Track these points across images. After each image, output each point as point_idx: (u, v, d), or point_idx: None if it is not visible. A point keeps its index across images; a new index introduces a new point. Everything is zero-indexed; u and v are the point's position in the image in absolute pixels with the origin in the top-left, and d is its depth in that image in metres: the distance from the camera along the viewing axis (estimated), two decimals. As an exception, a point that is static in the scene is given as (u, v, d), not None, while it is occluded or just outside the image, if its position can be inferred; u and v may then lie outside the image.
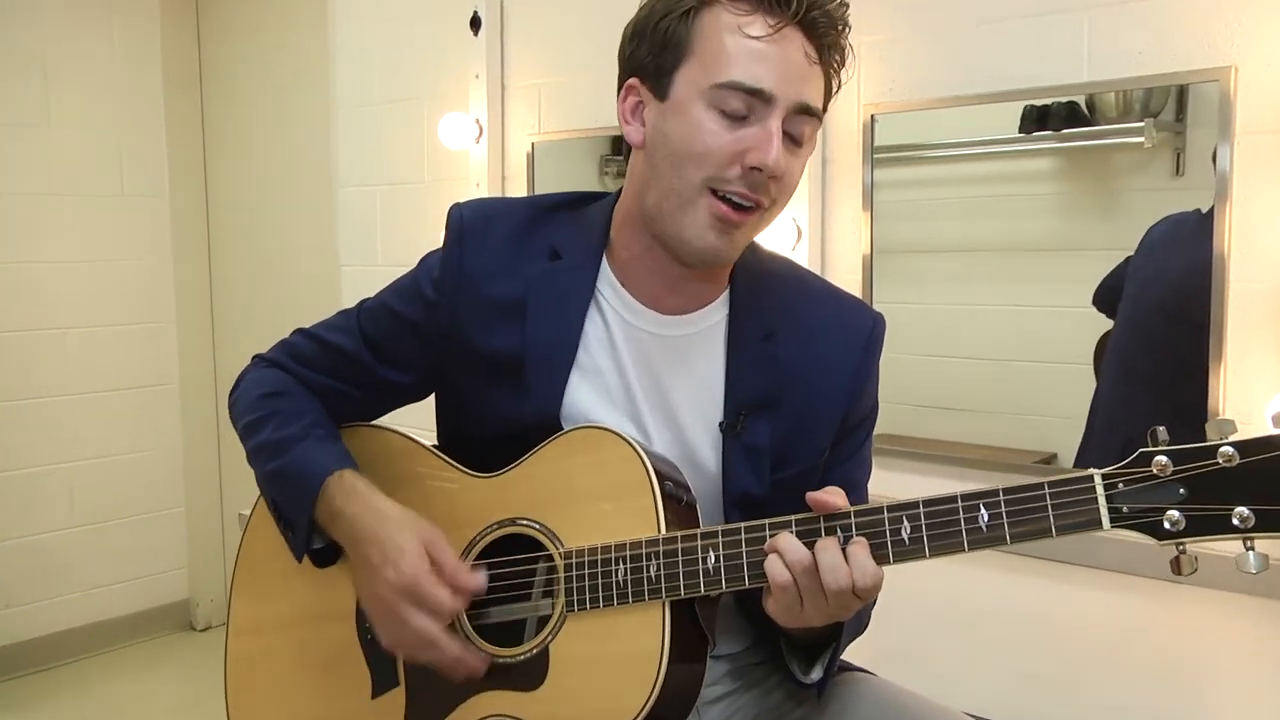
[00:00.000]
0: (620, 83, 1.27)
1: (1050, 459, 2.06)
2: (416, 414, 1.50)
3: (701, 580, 1.14)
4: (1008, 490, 1.04)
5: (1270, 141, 1.79)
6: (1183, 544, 0.99)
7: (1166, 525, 0.98)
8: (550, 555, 1.23)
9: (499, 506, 1.28)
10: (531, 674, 1.21)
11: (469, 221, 1.33)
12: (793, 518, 1.12)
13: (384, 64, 3.20)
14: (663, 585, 1.15)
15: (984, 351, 2.18)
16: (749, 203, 1.18)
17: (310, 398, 1.39)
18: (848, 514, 1.09)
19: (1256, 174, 1.80)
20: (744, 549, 1.13)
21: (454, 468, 1.34)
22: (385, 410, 1.46)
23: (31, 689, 3.70)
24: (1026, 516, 1.03)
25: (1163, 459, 0.99)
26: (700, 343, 1.30)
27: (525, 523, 1.26)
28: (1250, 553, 0.97)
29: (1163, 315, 1.98)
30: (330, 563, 1.36)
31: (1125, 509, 1.00)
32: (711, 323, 1.31)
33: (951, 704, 1.30)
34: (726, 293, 1.32)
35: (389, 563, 1.20)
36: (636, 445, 1.20)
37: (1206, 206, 1.84)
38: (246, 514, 1.47)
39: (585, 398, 1.29)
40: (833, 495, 1.11)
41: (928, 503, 1.07)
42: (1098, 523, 1.01)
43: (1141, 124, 1.95)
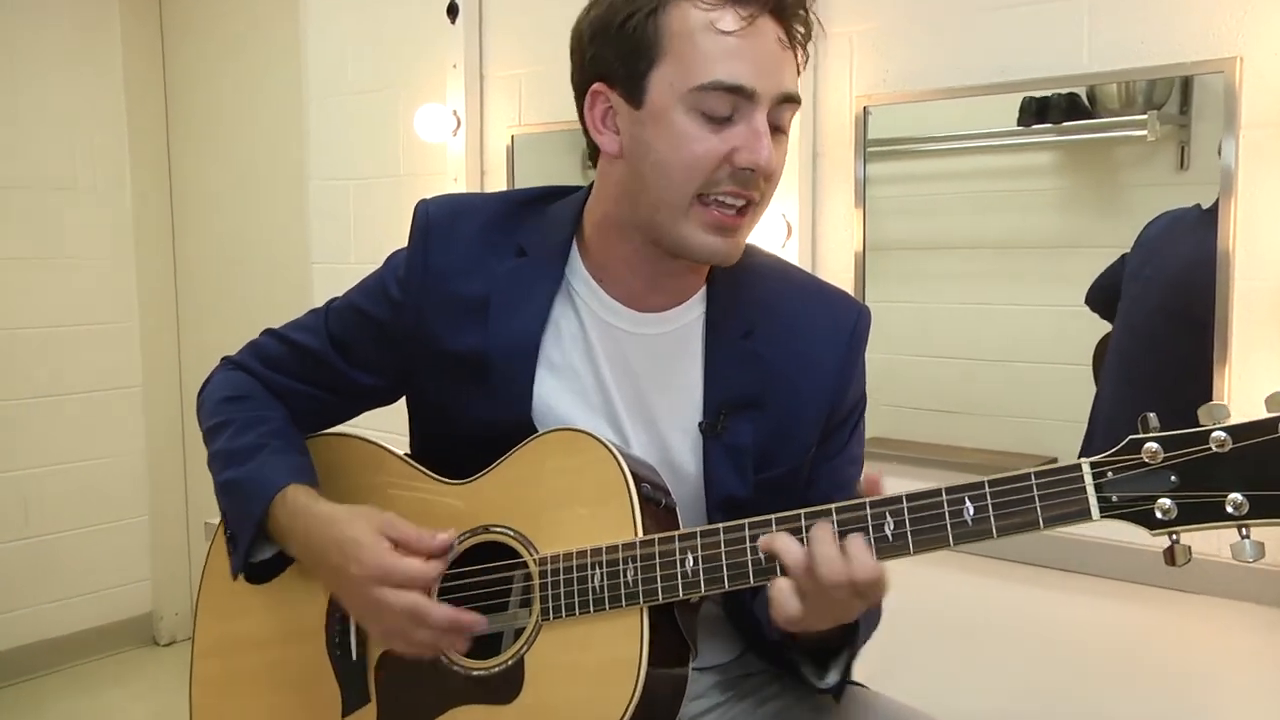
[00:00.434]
0: (580, 87, 1.26)
1: (1050, 462, 2.07)
2: (389, 420, 1.51)
3: (680, 584, 1.15)
4: (993, 481, 1.05)
5: (1276, 135, 1.81)
6: (1175, 533, 1.00)
7: (1158, 514, 0.99)
8: (525, 562, 1.24)
9: (472, 514, 1.29)
10: (507, 686, 1.21)
11: (435, 218, 1.34)
12: (773, 517, 1.13)
13: (357, 53, 3.20)
14: (640, 590, 1.16)
15: (981, 352, 2.19)
16: (740, 201, 1.19)
17: (274, 403, 1.40)
18: (828, 511, 1.11)
19: (1262, 169, 1.82)
20: (723, 549, 1.14)
21: (425, 475, 1.35)
22: (354, 413, 1.47)
23: (-14, 708, 3.69)
24: (1013, 508, 1.04)
25: (1153, 446, 0.99)
26: (678, 341, 1.31)
27: (499, 530, 1.27)
28: (1246, 541, 0.98)
29: (1165, 315, 2.00)
30: (269, 580, 1.37)
31: (1115, 498, 1.01)
32: (688, 320, 1.32)
33: (947, 718, 1.31)
34: (704, 289, 1.33)
35: (349, 559, 1.21)
36: (612, 447, 1.21)
37: (1210, 202, 1.86)
38: (214, 523, 1.47)
39: (559, 398, 1.30)
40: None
41: (911, 497, 1.08)
42: (1087, 513, 1.02)
43: (1144, 116, 1.96)
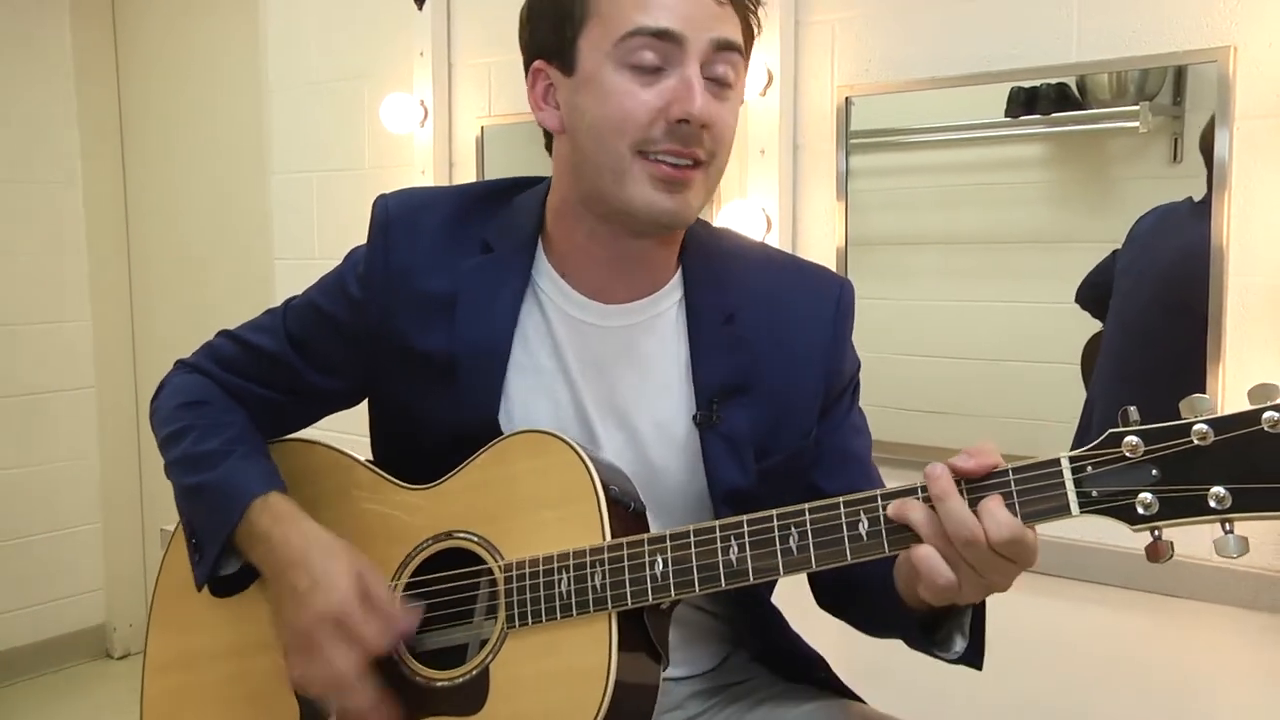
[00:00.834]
0: (527, 71, 1.28)
1: (1032, 461, 2.09)
2: (348, 424, 1.51)
3: (650, 588, 1.15)
4: (970, 479, 1.06)
5: (1272, 126, 1.83)
6: (1158, 528, 1.00)
7: (1139, 509, 1.00)
8: (490, 569, 1.24)
9: (434, 520, 1.29)
10: (471, 697, 1.21)
11: (395, 213, 1.34)
12: (744, 518, 1.14)
13: (320, 41, 3.20)
14: (608, 595, 1.16)
15: (968, 351, 2.21)
16: (684, 160, 1.19)
17: (235, 407, 1.40)
18: (801, 511, 1.12)
19: (1257, 161, 1.84)
20: (693, 551, 1.14)
21: (386, 480, 1.34)
22: (316, 417, 1.47)
23: (-71, 726, 3.68)
24: None
25: (1133, 439, 1.00)
26: (652, 332, 1.31)
27: (463, 536, 1.27)
28: (1230, 536, 0.98)
29: (1158, 309, 2.02)
30: (233, 593, 1.36)
31: (1095, 493, 1.01)
32: (662, 309, 1.32)
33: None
34: (678, 276, 1.33)
35: (318, 588, 1.20)
36: (579, 449, 1.21)
37: (1201, 195, 1.88)
38: (170, 530, 1.47)
39: (527, 400, 1.30)
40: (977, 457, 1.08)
41: (885, 495, 1.09)
42: (1066, 509, 1.02)
43: (1136, 107, 1.99)
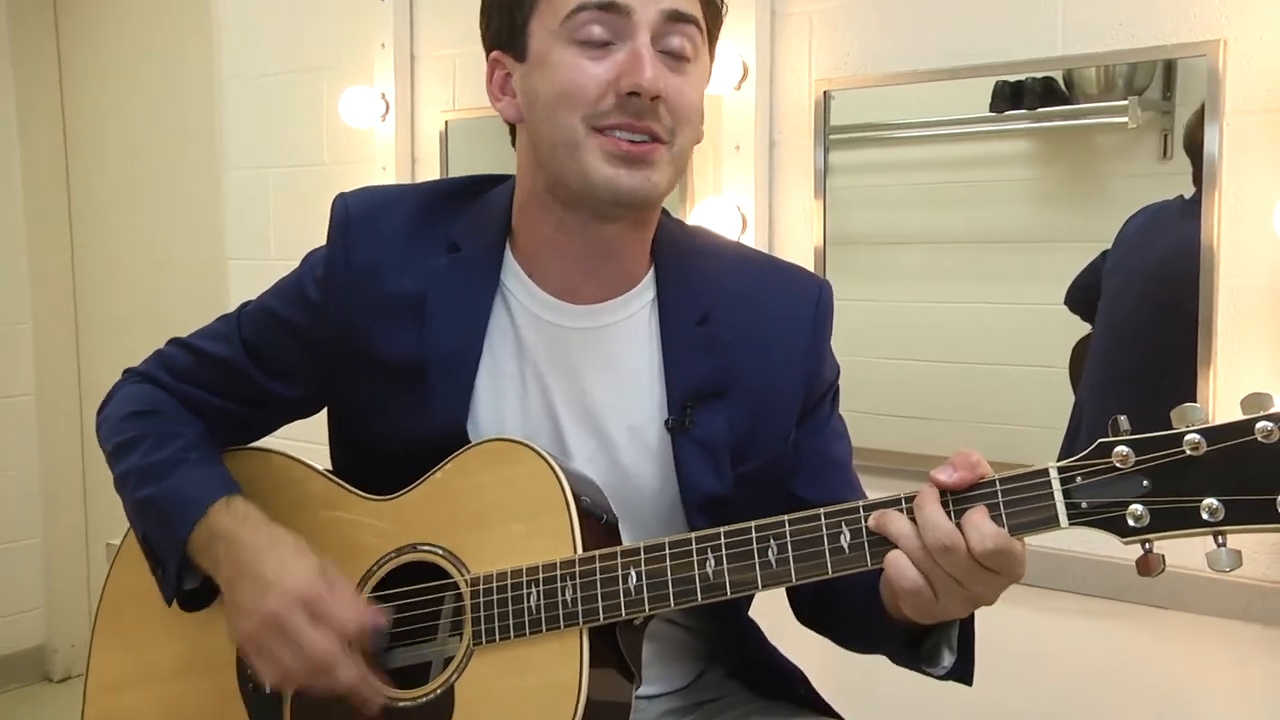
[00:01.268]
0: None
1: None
2: (306, 431, 1.51)
3: (623, 603, 1.15)
4: (956, 489, 1.07)
5: (1262, 122, 1.84)
6: (1148, 541, 1.02)
7: (1130, 521, 1.01)
8: (455, 583, 1.24)
9: (397, 532, 1.28)
10: (435, 717, 1.21)
11: (355, 212, 1.34)
12: (721, 529, 1.15)
13: (277, 30, 3.19)
14: (579, 610, 1.16)
15: (952, 354, 2.22)
16: (640, 135, 1.20)
17: (188, 416, 1.39)
18: (780, 522, 1.12)
19: (1247, 158, 1.86)
20: (668, 564, 1.15)
21: (347, 491, 1.34)
22: (273, 427, 1.46)
23: None
24: None
25: (1124, 449, 1.01)
26: (624, 333, 1.32)
27: (427, 548, 1.27)
28: (1222, 549, 0.99)
29: (1148, 308, 2.03)
30: (202, 607, 1.35)
31: (1084, 504, 1.02)
32: (635, 309, 1.32)
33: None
34: (650, 274, 1.34)
35: (286, 573, 1.21)
36: (549, 458, 1.21)
37: (1190, 193, 1.90)
38: (116, 544, 1.46)
39: (494, 406, 1.30)
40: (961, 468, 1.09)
41: (868, 506, 1.10)
42: (1055, 520, 1.03)
43: (1125, 102, 2.00)
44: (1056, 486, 1.04)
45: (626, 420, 1.31)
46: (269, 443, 1.46)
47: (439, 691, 1.22)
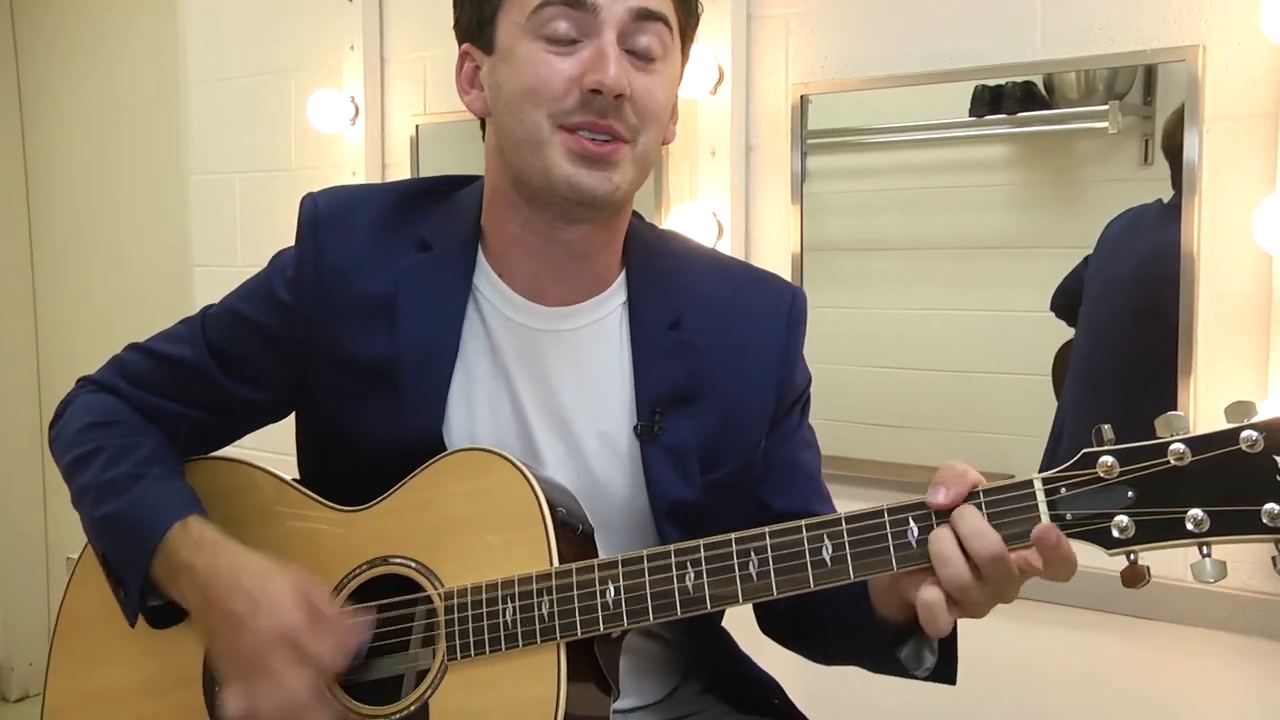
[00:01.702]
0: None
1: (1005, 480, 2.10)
2: (273, 440, 1.50)
3: (600, 616, 1.15)
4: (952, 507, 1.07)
5: (1242, 128, 1.86)
6: (1133, 553, 1.02)
7: (1115, 532, 1.02)
8: (429, 596, 1.24)
9: (368, 544, 1.28)
10: (410, 734, 1.21)
11: (324, 211, 1.34)
12: (700, 542, 1.14)
13: (243, 32, 3.17)
14: (557, 624, 1.16)
15: (931, 361, 2.22)
16: (602, 134, 1.20)
17: (147, 426, 1.38)
18: (761, 535, 1.12)
19: (1227, 164, 1.87)
20: (647, 578, 1.15)
21: (315, 501, 1.34)
22: (239, 434, 1.45)
23: None
24: None
25: (1108, 459, 1.02)
26: (594, 336, 1.32)
27: (399, 561, 1.26)
28: (1207, 560, 1.00)
29: (1128, 313, 2.04)
30: (170, 623, 1.33)
31: (1069, 516, 1.03)
32: (606, 312, 1.33)
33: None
34: (622, 277, 1.34)
35: (263, 610, 1.18)
36: (525, 469, 1.21)
37: (1169, 197, 1.91)
38: (74, 558, 1.45)
39: (465, 409, 1.30)
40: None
41: (850, 519, 1.10)
42: None
43: (1105, 107, 2.01)
44: (1041, 498, 1.05)
45: (596, 425, 1.31)
46: (234, 452, 1.44)
47: (413, 708, 1.21)
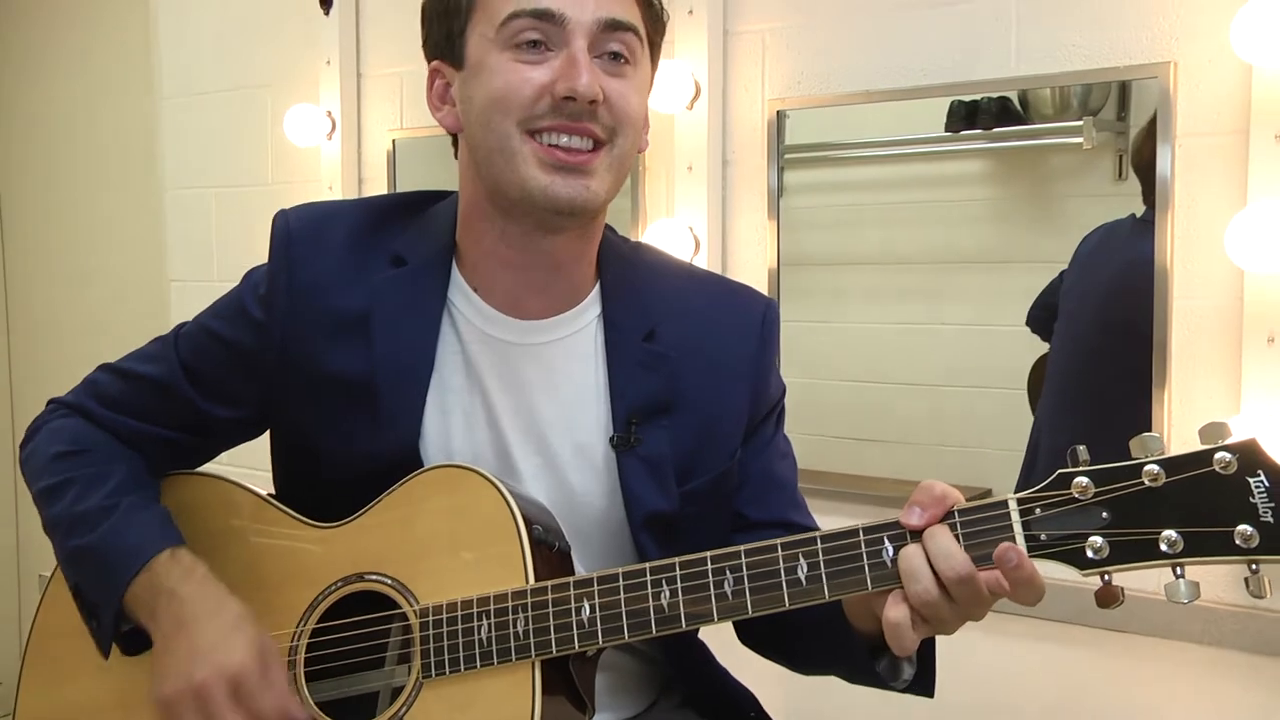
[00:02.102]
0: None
1: (984, 494, 2.09)
2: (248, 456, 1.50)
3: (575, 634, 1.15)
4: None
5: (1213, 145, 1.87)
6: (1108, 573, 1.03)
7: (1089, 553, 1.02)
8: (404, 614, 1.24)
9: (344, 560, 1.28)
10: (384, 753, 1.21)
11: (297, 228, 1.34)
12: (676, 560, 1.15)
13: (219, 46, 3.17)
14: (532, 642, 1.16)
15: (907, 376, 2.23)
16: (577, 136, 1.21)
17: (119, 451, 1.37)
18: (737, 553, 1.13)
19: (1198, 180, 1.88)
20: (622, 596, 1.15)
21: (291, 517, 1.33)
22: (214, 453, 1.45)
23: None
24: None
25: (1083, 480, 1.03)
26: (570, 349, 1.32)
27: (374, 578, 1.26)
28: (1180, 580, 1.01)
29: (1104, 328, 2.06)
30: (142, 650, 1.32)
31: (1044, 536, 1.04)
32: (581, 325, 1.33)
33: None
34: (597, 289, 1.35)
35: (219, 649, 1.19)
36: (501, 485, 1.21)
37: (1143, 211, 1.93)
38: (47, 576, 1.44)
39: (441, 424, 1.30)
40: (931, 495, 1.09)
41: (825, 538, 1.10)
42: None
43: (1080, 123, 2.02)
44: (1016, 519, 1.05)
45: (572, 438, 1.32)
46: (211, 467, 1.44)
47: (387, 726, 1.21)
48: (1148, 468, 1.01)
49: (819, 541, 1.10)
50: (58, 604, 1.39)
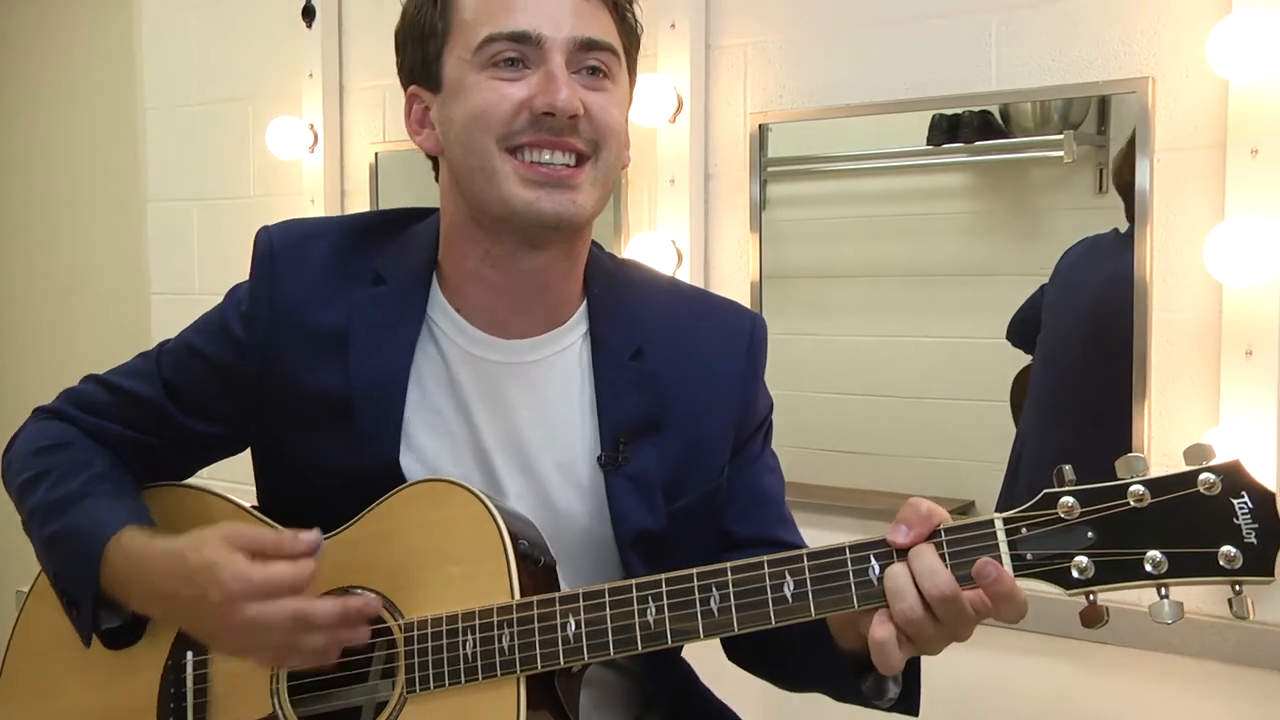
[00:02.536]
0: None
1: (967, 507, 2.12)
2: (233, 469, 1.49)
3: (560, 650, 1.15)
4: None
5: (1191, 159, 1.89)
6: (1093, 593, 1.03)
7: (1074, 573, 1.03)
8: (389, 628, 1.24)
9: (329, 575, 1.26)
10: (368, 768, 1.21)
11: (279, 244, 1.33)
12: (662, 576, 1.15)
13: (201, 59, 3.17)
14: (517, 658, 1.16)
15: (889, 388, 2.24)
16: (559, 150, 1.21)
17: (98, 449, 1.37)
18: (723, 570, 1.13)
19: (1177, 194, 1.90)
20: (608, 612, 1.15)
21: (276, 531, 1.33)
22: (195, 468, 1.44)
23: None
24: None
25: (1069, 500, 1.03)
26: (556, 368, 1.32)
27: (359, 592, 1.26)
28: (1165, 601, 1.01)
29: (1085, 341, 2.07)
30: (125, 644, 1.33)
31: (1030, 556, 1.04)
32: (566, 344, 1.33)
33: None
34: (583, 308, 1.34)
35: (208, 585, 1.17)
36: (486, 500, 1.21)
37: (1125, 227, 1.94)
38: (24, 591, 1.43)
39: (426, 444, 1.29)
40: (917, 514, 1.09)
41: (812, 555, 1.10)
42: None
43: (1060, 136, 2.04)
44: (1002, 538, 1.05)
45: (557, 458, 1.31)
46: (194, 480, 1.44)
47: (370, 741, 1.21)
48: (1133, 488, 1.02)
49: (805, 559, 1.10)
50: (36, 616, 1.39)
